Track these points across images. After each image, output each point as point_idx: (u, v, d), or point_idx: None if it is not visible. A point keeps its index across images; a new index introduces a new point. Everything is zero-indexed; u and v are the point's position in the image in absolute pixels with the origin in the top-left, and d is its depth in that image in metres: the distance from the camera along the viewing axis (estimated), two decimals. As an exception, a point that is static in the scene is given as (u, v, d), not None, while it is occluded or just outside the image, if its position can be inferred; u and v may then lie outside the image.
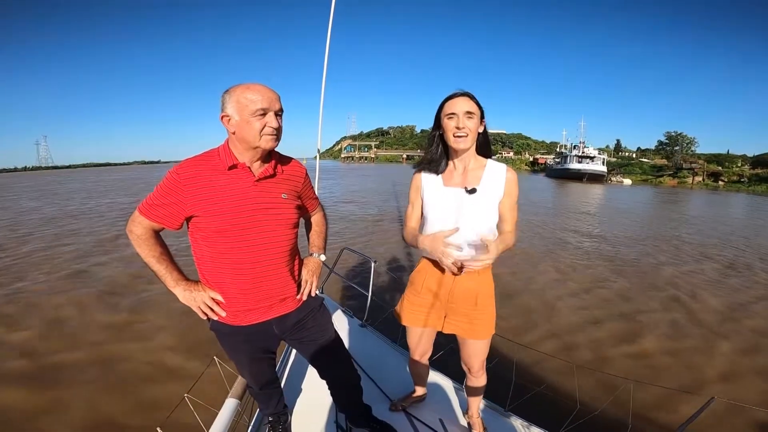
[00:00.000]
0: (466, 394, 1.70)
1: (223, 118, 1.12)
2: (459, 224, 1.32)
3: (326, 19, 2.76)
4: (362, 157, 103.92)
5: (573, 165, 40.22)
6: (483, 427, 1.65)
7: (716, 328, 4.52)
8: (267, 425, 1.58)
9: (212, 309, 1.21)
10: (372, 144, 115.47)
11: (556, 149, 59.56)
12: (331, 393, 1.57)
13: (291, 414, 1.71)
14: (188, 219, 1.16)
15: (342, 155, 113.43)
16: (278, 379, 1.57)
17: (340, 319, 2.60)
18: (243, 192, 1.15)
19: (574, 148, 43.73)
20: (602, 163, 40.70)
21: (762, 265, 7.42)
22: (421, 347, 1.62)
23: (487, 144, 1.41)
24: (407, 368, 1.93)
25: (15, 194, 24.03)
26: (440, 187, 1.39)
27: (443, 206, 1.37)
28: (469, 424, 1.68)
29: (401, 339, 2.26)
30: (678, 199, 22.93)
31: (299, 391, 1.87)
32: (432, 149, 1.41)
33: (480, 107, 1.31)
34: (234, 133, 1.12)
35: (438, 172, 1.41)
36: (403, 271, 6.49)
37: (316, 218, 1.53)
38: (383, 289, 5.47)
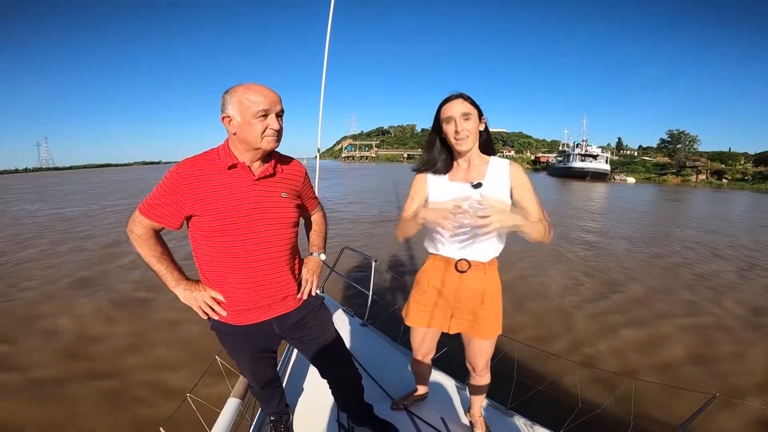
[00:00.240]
0: (469, 393, 1.70)
1: (224, 119, 1.11)
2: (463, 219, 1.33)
3: (326, 19, 2.76)
4: (363, 157, 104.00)
5: (576, 163, 40.03)
6: (485, 426, 1.65)
7: (743, 334, 4.23)
8: (269, 425, 1.59)
9: (213, 309, 1.22)
10: (372, 143, 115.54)
11: (558, 148, 59.34)
12: (333, 392, 1.57)
13: (293, 413, 1.71)
14: (188, 218, 1.16)
15: (343, 155, 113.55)
16: (279, 379, 1.57)
17: (341, 319, 2.60)
18: (243, 191, 1.15)
19: (577, 147, 43.62)
20: (605, 162, 40.51)
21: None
22: (425, 347, 1.62)
23: (490, 141, 1.41)
24: (408, 367, 1.93)
25: (13, 196, 23.83)
26: (446, 183, 1.40)
27: (448, 200, 1.37)
28: (471, 423, 1.68)
29: (402, 338, 2.27)
30: (683, 198, 22.65)
31: (301, 391, 1.88)
32: (434, 152, 1.41)
33: (476, 106, 1.30)
34: (235, 134, 1.12)
35: (442, 172, 1.42)
36: (404, 271, 6.49)
37: (316, 218, 1.53)
38: (384, 289, 5.47)
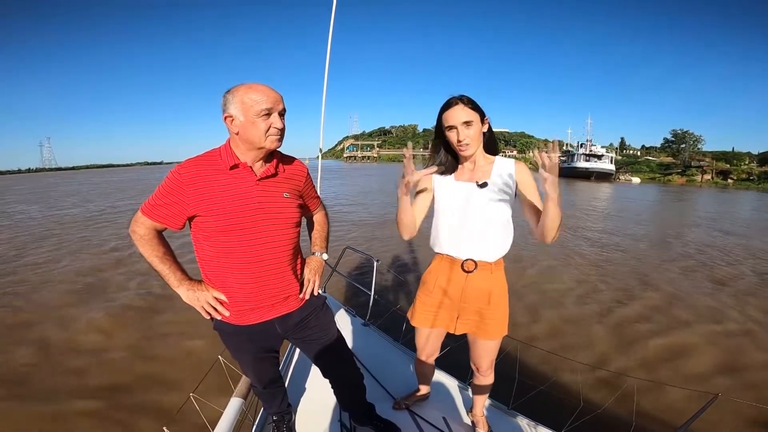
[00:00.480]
0: (472, 393, 1.70)
1: (227, 119, 1.11)
2: (468, 217, 1.34)
3: (328, 19, 2.76)
4: (365, 157, 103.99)
5: (580, 164, 39.82)
6: (487, 426, 1.65)
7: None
8: (271, 424, 1.59)
9: (216, 309, 1.22)
10: (374, 143, 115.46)
11: (563, 147, 58.98)
12: (335, 392, 1.57)
13: (295, 413, 1.72)
14: (190, 219, 1.17)
15: (345, 155, 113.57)
16: (282, 378, 1.57)
17: (343, 318, 2.61)
18: (245, 191, 1.15)
19: (581, 147, 43.35)
20: (610, 162, 40.27)
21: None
22: (429, 348, 1.62)
23: (493, 141, 1.42)
24: (410, 367, 1.93)
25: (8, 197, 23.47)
26: (451, 182, 1.41)
27: (453, 199, 1.39)
28: (473, 423, 1.68)
29: (404, 338, 2.27)
30: (691, 198, 22.40)
31: (303, 390, 1.88)
32: (439, 157, 1.43)
33: (477, 110, 1.30)
34: (238, 134, 1.12)
35: (449, 172, 1.43)
36: (406, 271, 6.49)
37: (318, 217, 1.54)
38: (386, 288, 5.47)
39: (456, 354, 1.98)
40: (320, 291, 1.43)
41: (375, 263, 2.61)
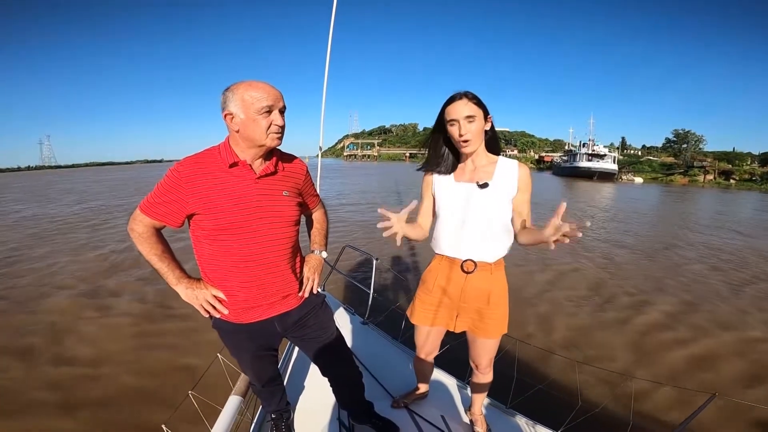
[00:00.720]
0: (471, 391, 1.70)
1: (227, 116, 1.11)
2: (468, 218, 1.33)
3: (328, 17, 2.75)
4: (365, 155, 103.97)
5: (583, 163, 39.45)
6: (486, 424, 1.65)
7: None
8: (270, 422, 1.59)
9: (215, 307, 1.22)
10: (374, 142, 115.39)
11: (564, 147, 58.74)
12: (333, 390, 1.58)
13: (293, 411, 1.72)
14: (189, 217, 1.16)
15: (345, 153, 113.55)
16: (281, 377, 1.58)
17: (342, 317, 2.61)
18: (244, 189, 1.15)
19: (584, 146, 43.04)
20: (613, 161, 39.95)
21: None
22: (428, 346, 1.63)
23: (496, 140, 1.40)
24: (409, 365, 1.93)
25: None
26: (451, 183, 1.40)
27: (453, 201, 1.37)
28: (472, 421, 1.68)
29: (403, 336, 2.27)
30: (695, 199, 22.07)
31: (302, 389, 1.89)
32: (438, 151, 1.41)
33: (481, 106, 1.29)
34: (238, 132, 1.12)
35: (448, 171, 1.41)
36: (405, 269, 6.50)
37: (317, 215, 1.53)
38: (385, 287, 5.47)
39: (455, 352, 1.98)
40: (319, 289, 1.43)
41: (374, 262, 2.61)
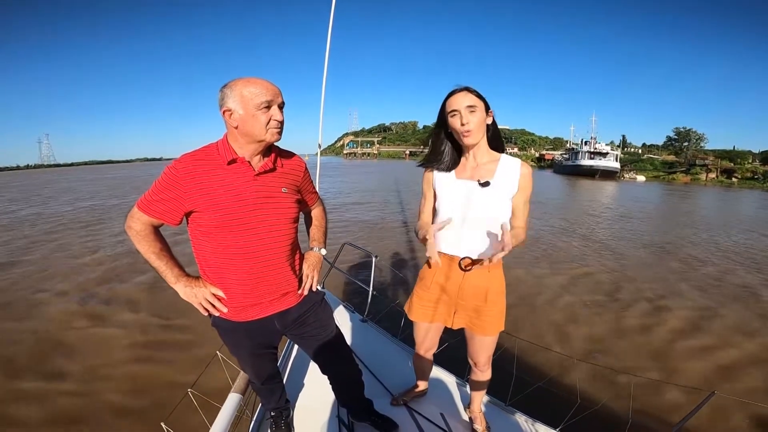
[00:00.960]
0: (470, 388, 1.70)
1: (225, 113, 1.10)
2: (468, 216, 1.32)
3: (327, 14, 2.74)
4: (365, 153, 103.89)
5: (585, 161, 39.20)
6: (485, 422, 1.66)
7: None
8: (269, 420, 1.60)
9: (213, 305, 1.21)
10: (374, 140, 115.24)
11: (566, 145, 58.40)
12: (333, 388, 1.58)
13: (293, 409, 1.72)
14: (188, 214, 1.16)
15: (344, 151, 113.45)
16: (280, 374, 1.58)
17: (342, 314, 2.61)
18: (243, 186, 1.15)
19: (586, 144, 42.82)
20: (615, 160, 39.69)
21: None
22: (428, 342, 1.63)
23: (498, 136, 1.39)
24: (409, 363, 1.93)
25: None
26: (452, 180, 1.38)
27: (453, 198, 1.36)
28: (471, 419, 1.68)
29: (402, 334, 2.28)
30: (699, 198, 21.91)
31: (301, 386, 1.89)
32: (438, 147, 1.40)
33: (482, 99, 1.28)
34: (237, 128, 1.11)
35: (449, 168, 1.40)
36: (405, 267, 6.50)
37: (316, 212, 1.53)
38: (384, 285, 5.48)
39: (454, 350, 1.98)
40: (319, 287, 1.43)
41: (374, 259, 2.61)
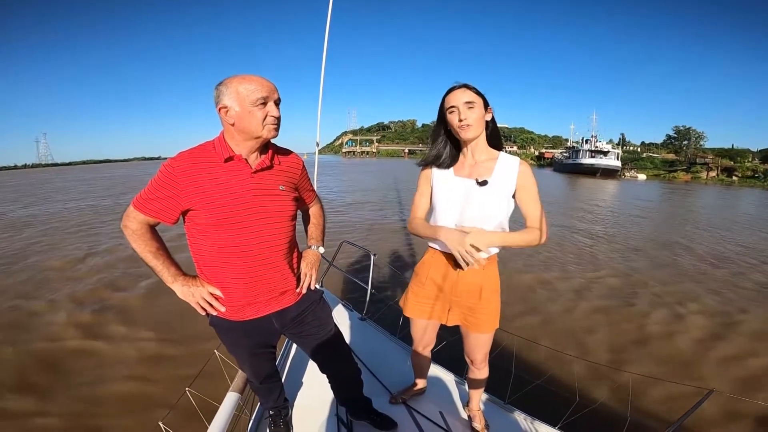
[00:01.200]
0: (468, 387, 1.70)
1: (221, 110, 1.10)
2: (465, 215, 1.32)
3: (325, 12, 2.72)
4: (364, 152, 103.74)
5: (585, 160, 39.11)
6: (484, 420, 1.65)
7: None
8: (268, 419, 1.59)
9: (211, 304, 1.21)
10: (373, 139, 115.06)
11: (566, 143, 58.31)
12: (332, 387, 1.57)
13: (292, 407, 1.72)
14: (184, 213, 1.15)
15: (343, 150, 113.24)
16: (278, 373, 1.57)
17: (340, 313, 2.60)
18: (240, 184, 1.14)
19: (586, 143, 42.75)
20: (616, 158, 39.60)
21: None
22: (425, 339, 1.63)
23: (497, 134, 1.38)
24: (407, 361, 1.93)
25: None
26: (450, 177, 1.38)
27: (451, 196, 1.35)
28: (470, 417, 1.68)
29: (401, 332, 2.27)
30: (701, 196, 21.88)
31: (300, 385, 1.88)
32: (438, 145, 1.40)
33: (481, 96, 1.28)
34: (233, 125, 1.11)
35: (447, 165, 1.39)
36: (403, 265, 6.50)
37: (314, 210, 1.52)
38: (383, 283, 5.48)
39: (452, 348, 1.98)
40: (317, 285, 1.42)
41: (372, 257, 2.60)
